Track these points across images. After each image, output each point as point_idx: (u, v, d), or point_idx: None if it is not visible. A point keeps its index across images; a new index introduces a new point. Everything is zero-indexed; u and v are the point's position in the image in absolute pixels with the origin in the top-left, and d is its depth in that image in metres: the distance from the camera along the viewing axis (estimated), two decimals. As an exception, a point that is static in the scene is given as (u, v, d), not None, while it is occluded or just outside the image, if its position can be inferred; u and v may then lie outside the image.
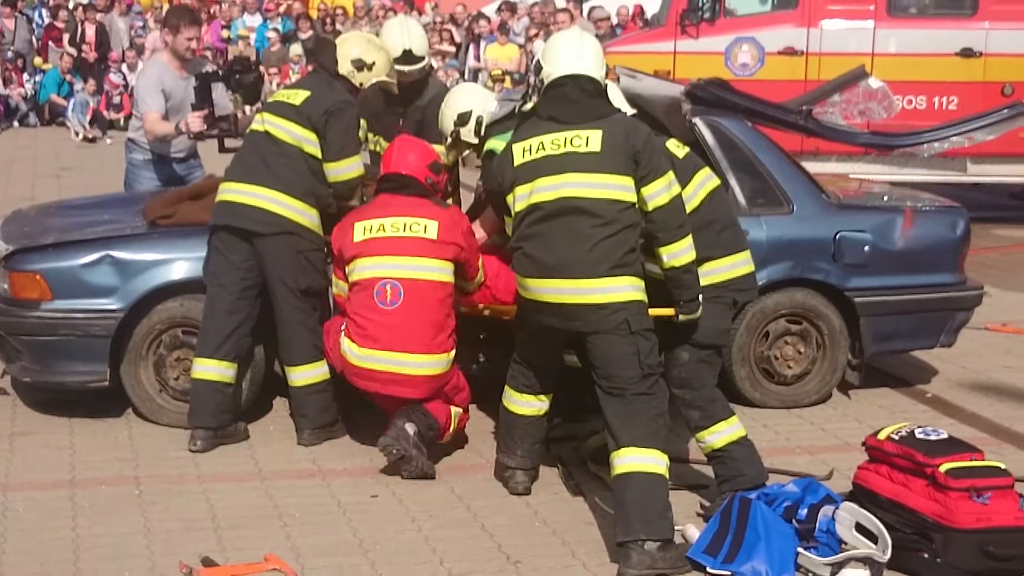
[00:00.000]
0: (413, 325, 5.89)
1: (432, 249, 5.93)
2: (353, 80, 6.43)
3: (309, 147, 6.24)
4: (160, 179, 7.97)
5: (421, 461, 5.86)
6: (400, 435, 5.83)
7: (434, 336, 5.92)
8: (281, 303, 6.27)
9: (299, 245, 6.22)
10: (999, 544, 4.95)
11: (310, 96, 6.31)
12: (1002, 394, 7.47)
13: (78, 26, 21.59)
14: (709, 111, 7.06)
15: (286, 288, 6.24)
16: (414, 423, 5.89)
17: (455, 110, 6.47)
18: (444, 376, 6.02)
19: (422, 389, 5.95)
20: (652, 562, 4.92)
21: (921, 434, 5.27)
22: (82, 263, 6.39)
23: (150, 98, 7.77)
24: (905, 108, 11.93)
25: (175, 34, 7.81)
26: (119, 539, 5.22)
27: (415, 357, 5.90)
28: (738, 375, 6.93)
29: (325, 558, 5.07)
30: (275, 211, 6.18)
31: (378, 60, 6.49)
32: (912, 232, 7.19)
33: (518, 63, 19.81)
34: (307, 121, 6.24)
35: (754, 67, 12.77)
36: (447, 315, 6.00)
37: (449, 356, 6.01)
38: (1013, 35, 12.58)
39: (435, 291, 5.94)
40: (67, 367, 6.45)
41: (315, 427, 6.36)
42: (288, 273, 6.22)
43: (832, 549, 5.02)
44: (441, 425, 6.03)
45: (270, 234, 6.18)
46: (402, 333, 5.89)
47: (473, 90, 6.86)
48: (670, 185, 5.19)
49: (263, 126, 6.34)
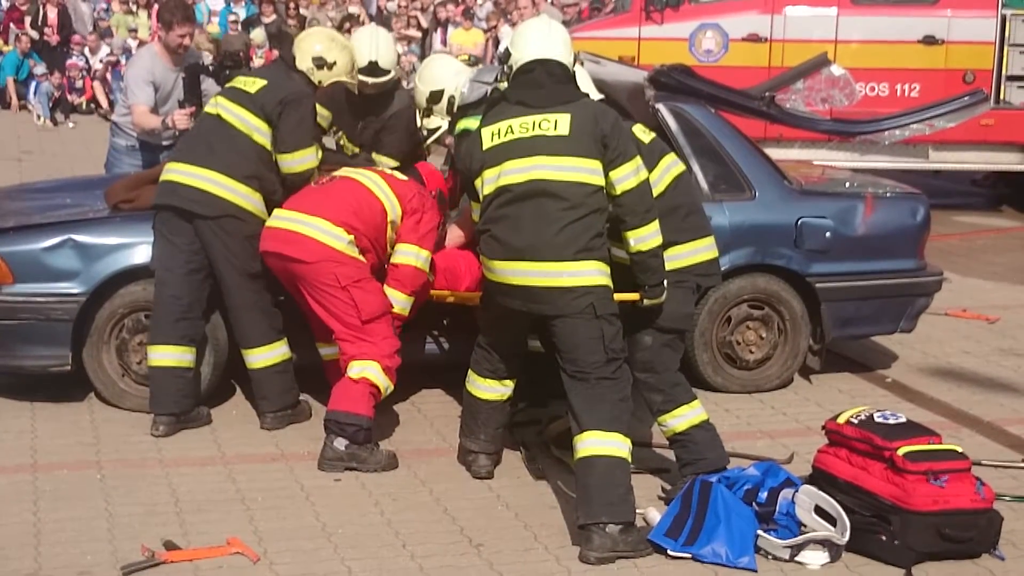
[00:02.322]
0: (332, 199, 5.98)
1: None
2: (312, 77, 6.34)
3: (259, 136, 6.20)
4: (142, 165, 7.91)
5: (371, 461, 5.83)
6: (332, 456, 5.82)
7: (347, 217, 5.90)
8: (232, 288, 6.24)
9: (245, 230, 6.16)
10: (955, 526, 5.01)
11: (266, 85, 6.27)
12: (961, 379, 7.55)
13: (39, 9, 21.40)
14: (672, 97, 7.09)
15: (236, 272, 6.20)
16: (338, 435, 5.82)
17: (428, 87, 6.46)
18: (337, 256, 5.86)
19: (309, 253, 5.87)
20: (613, 545, 4.95)
21: (880, 418, 5.32)
22: (44, 247, 6.35)
23: (139, 90, 7.71)
24: (868, 95, 12.04)
25: (168, 30, 7.74)
26: (81, 523, 5.20)
27: (317, 220, 5.90)
28: (700, 360, 6.97)
29: (288, 542, 5.08)
30: (215, 192, 6.14)
31: (340, 60, 6.39)
32: (873, 218, 7.25)
33: (483, 48, 19.81)
34: (260, 110, 6.20)
35: (718, 53, 12.81)
36: (367, 212, 5.97)
37: (350, 242, 5.88)
38: (975, 23, 12.68)
39: (365, 192, 6.01)
40: (29, 351, 6.41)
41: (277, 409, 6.35)
42: (237, 257, 6.18)
43: (791, 532, 5.07)
44: (363, 411, 5.83)
45: (211, 217, 6.15)
46: (319, 201, 5.99)
47: (447, 65, 6.76)
48: (638, 170, 5.22)
49: (215, 109, 6.33)
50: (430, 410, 6.73)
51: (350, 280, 5.88)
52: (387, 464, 5.87)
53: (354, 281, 5.88)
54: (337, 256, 5.87)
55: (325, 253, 5.87)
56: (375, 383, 5.87)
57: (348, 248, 5.89)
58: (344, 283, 5.87)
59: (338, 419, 5.82)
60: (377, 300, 5.94)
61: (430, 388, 6.98)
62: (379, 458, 5.87)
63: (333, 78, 6.40)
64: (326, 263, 5.86)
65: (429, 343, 6.77)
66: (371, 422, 5.87)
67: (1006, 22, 12.67)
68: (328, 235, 5.87)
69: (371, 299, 5.91)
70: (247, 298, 6.25)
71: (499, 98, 5.44)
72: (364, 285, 5.91)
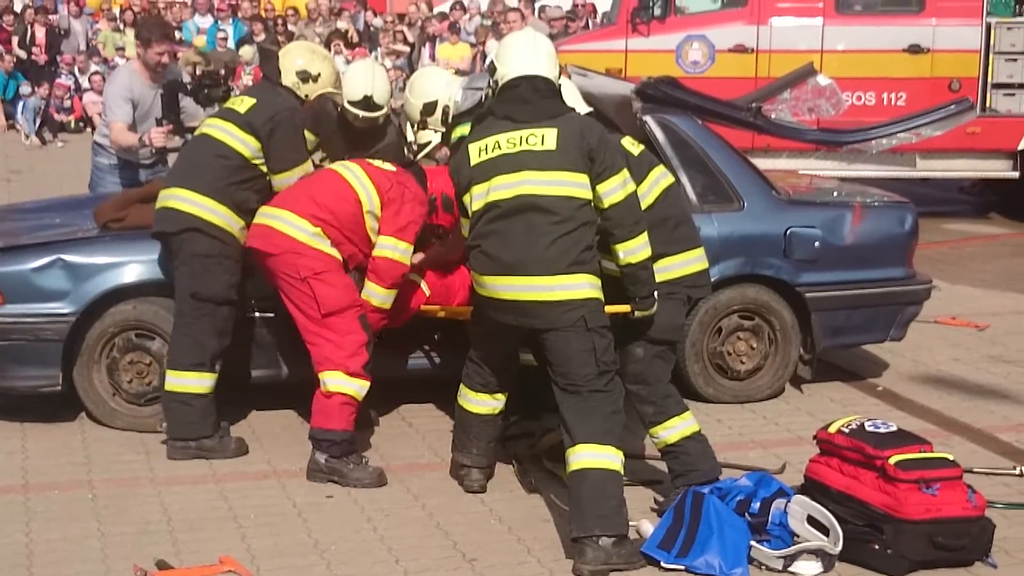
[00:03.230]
0: (302, 192, 6.02)
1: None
2: (299, 92, 6.34)
3: (244, 148, 6.19)
4: (124, 184, 7.90)
5: (351, 476, 5.85)
6: (315, 468, 5.91)
7: (313, 208, 5.91)
8: (176, 303, 6.21)
9: (206, 246, 6.11)
10: (948, 535, 5.01)
11: (256, 104, 6.28)
12: (951, 387, 7.57)
13: (27, 29, 21.39)
14: (659, 109, 7.10)
15: (179, 288, 6.17)
16: (319, 451, 5.91)
17: (420, 99, 6.45)
18: (299, 247, 5.87)
19: (274, 245, 5.91)
20: (607, 557, 4.95)
21: (871, 427, 5.33)
22: (33, 267, 6.35)
23: (118, 108, 7.70)
24: (855, 104, 12.09)
25: (146, 48, 7.74)
26: (73, 543, 5.19)
27: (284, 213, 5.94)
28: (691, 371, 6.98)
29: (281, 559, 5.07)
30: (180, 208, 6.15)
31: (323, 71, 6.40)
32: (861, 227, 7.27)
33: (470, 62, 19.82)
34: (249, 127, 6.20)
35: (705, 65, 12.85)
36: (336, 203, 5.95)
37: (316, 233, 5.88)
38: (960, 31, 12.72)
39: (339, 183, 6.01)
40: (19, 372, 6.40)
41: (175, 438, 6.19)
42: (182, 275, 6.16)
43: (784, 542, 5.07)
44: (335, 426, 5.86)
45: (174, 232, 6.15)
46: (291, 195, 6.04)
47: (437, 76, 6.75)
48: (625, 182, 5.23)
49: (204, 128, 6.36)
50: (422, 424, 6.73)
51: (311, 272, 5.87)
52: (371, 481, 5.86)
53: (315, 273, 5.87)
54: (299, 248, 5.89)
55: (288, 245, 5.90)
56: (345, 393, 5.86)
57: (312, 240, 5.90)
58: (304, 274, 5.87)
59: (314, 435, 5.92)
60: (339, 294, 5.89)
61: (422, 402, 6.97)
62: (361, 474, 5.87)
63: (319, 90, 6.40)
64: (288, 255, 5.90)
65: (420, 357, 6.77)
66: (346, 435, 5.89)
67: (991, 30, 12.70)
68: (292, 227, 5.91)
69: (332, 293, 5.88)
70: (182, 319, 6.17)
71: (486, 113, 5.45)
72: (326, 278, 5.89)
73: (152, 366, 6.44)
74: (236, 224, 6.17)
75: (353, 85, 6.61)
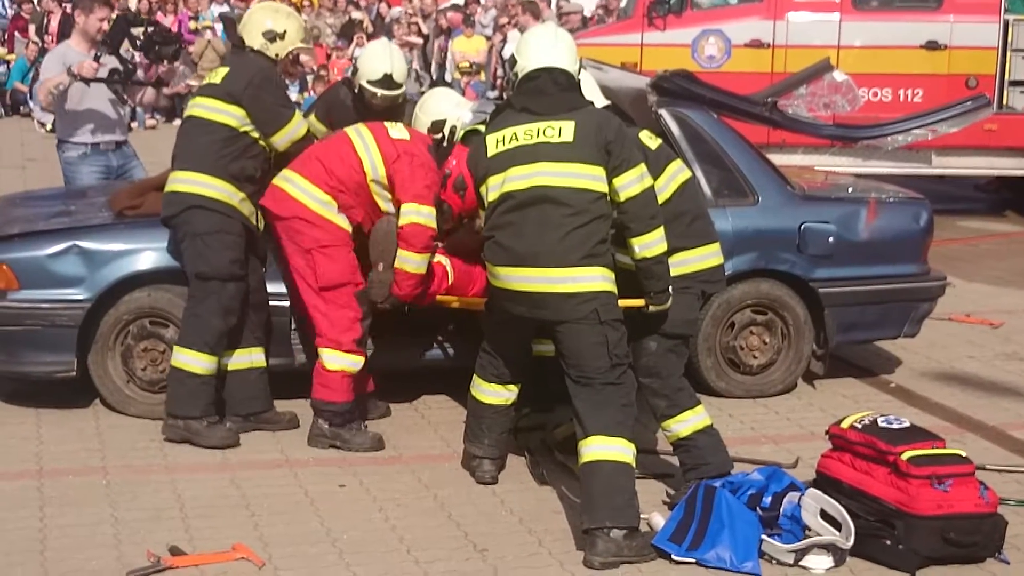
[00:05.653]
0: (313, 156, 6.14)
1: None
2: (268, 52, 6.33)
3: (231, 119, 6.18)
4: (98, 171, 7.93)
5: (354, 442, 6.12)
6: (317, 433, 6.19)
7: (322, 173, 6.03)
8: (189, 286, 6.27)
9: (201, 226, 6.12)
10: (959, 531, 5.01)
11: (229, 72, 6.29)
12: (965, 384, 7.55)
13: (44, 17, 21.45)
14: (675, 103, 7.09)
15: (188, 272, 6.21)
16: (321, 419, 6.17)
17: (430, 116, 6.47)
18: (310, 215, 5.99)
19: (284, 208, 6.06)
20: (618, 549, 4.96)
21: (883, 423, 5.33)
22: (49, 253, 6.38)
23: (47, 72, 7.81)
24: (871, 100, 12.04)
25: (87, 14, 7.81)
26: (86, 529, 5.21)
27: (297, 177, 6.07)
28: (704, 365, 6.98)
29: (293, 547, 5.09)
30: (179, 189, 6.19)
31: (289, 28, 6.38)
32: (876, 223, 7.25)
33: (485, 55, 19.83)
34: (229, 96, 6.19)
35: (721, 59, 12.83)
36: (341, 167, 6.05)
37: (328, 203, 6.01)
38: (977, 28, 12.69)
39: (346, 148, 6.11)
40: (34, 357, 6.43)
41: (170, 414, 6.21)
42: (184, 256, 6.21)
43: (796, 536, 5.08)
44: (335, 398, 6.10)
45: (177, 214, 6.18)
46: (304, 158, 6.17)
47: (447, 96, 6.80)
48: (642, 176, 5.23)
49: (189, 110, 6.38)
50: (434, 415, 6.75)
51: (316, 244, 6.03)
52: (371, 446, 6.13)
53: (321, 246, 6.03)
54: (309, 215, 6.03)
55: (297, 210, 6.03)
56: (342, 369, 6.08)
57: (322, 208, 6.02)
58: (309, 246, 6.03)
59: (316, 405, 6.17)
60: (339, 269, 6.05)
61: (434, 393, 6.99)
62: (362, 439, 6.16)
63: (289, 47, 6.39)
64: (296, 220, 6.05)
65: (434, 348, 6.79)
66: (347, 405, 6.16)
67: (1008, 27, 12.68)
68: (303, 193, 6.04)
69: (333, 268, 6.04)
70: (191, 299, 6.20)
71: (504, 105, 5.46)
72: (330, 252, 6.03)
73: (166, 354, 6.43)
74: (236, 196, 6.19)
75: (372, 64, 6.66)
